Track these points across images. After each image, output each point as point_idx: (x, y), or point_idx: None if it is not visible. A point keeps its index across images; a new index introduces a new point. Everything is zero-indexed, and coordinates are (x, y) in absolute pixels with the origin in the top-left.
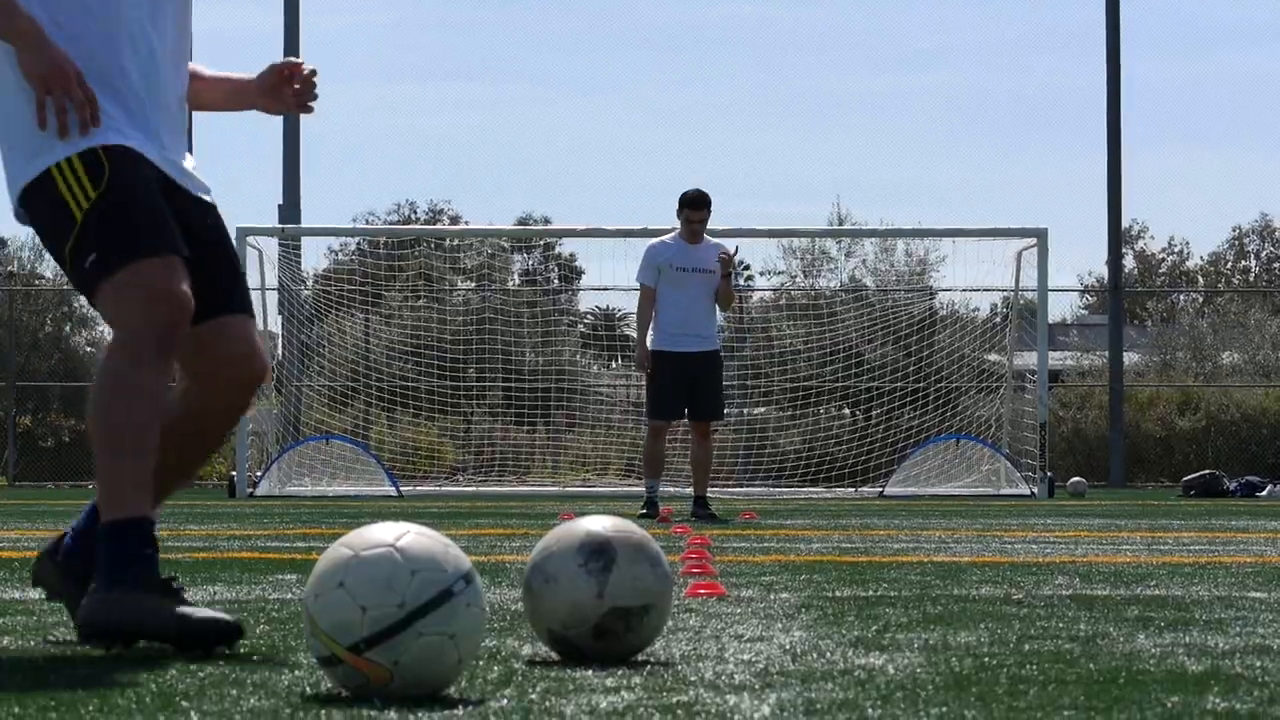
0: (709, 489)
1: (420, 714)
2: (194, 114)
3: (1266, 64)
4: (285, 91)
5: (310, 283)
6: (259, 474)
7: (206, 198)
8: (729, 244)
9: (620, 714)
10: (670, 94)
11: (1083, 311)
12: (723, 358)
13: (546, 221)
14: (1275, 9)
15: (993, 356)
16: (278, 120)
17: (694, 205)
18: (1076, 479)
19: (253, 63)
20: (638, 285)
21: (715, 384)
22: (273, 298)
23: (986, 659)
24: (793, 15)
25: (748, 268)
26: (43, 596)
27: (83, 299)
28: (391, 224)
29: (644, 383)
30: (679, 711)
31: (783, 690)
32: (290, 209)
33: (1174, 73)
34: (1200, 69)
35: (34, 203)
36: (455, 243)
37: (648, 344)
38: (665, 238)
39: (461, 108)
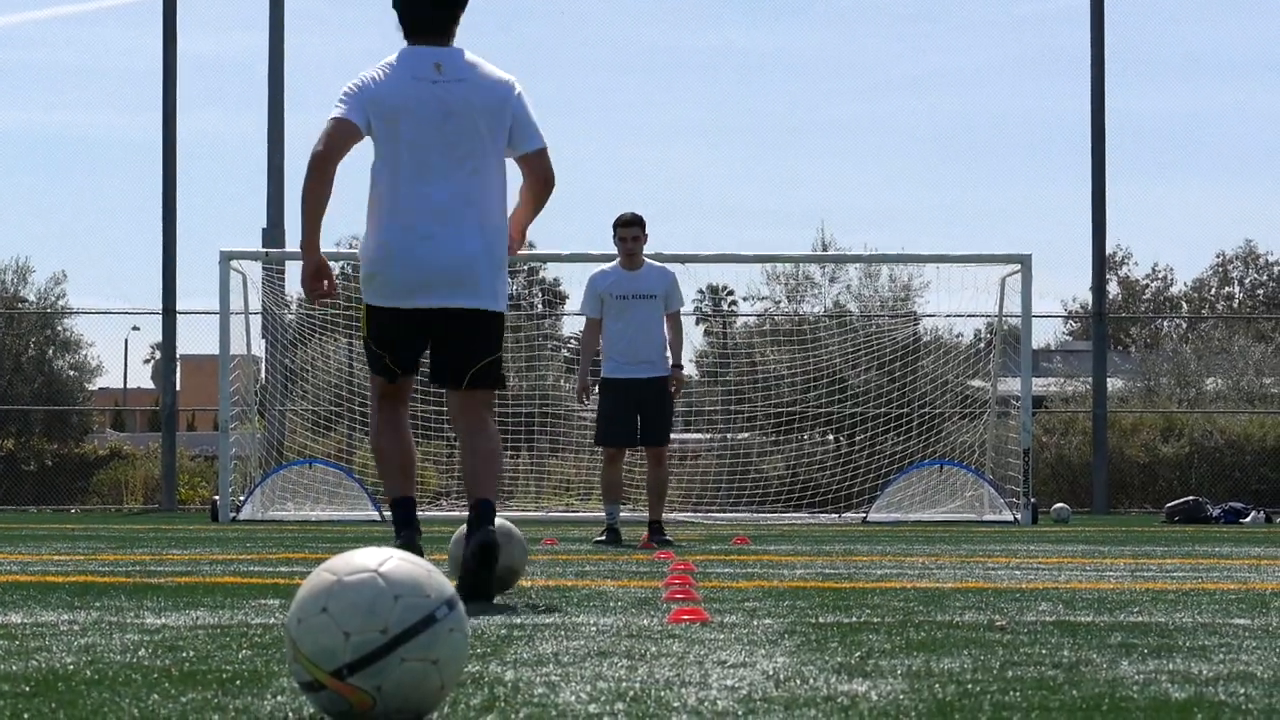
0: (664, 512)
1: None
2: (177, 131)
3: (1251, 92)
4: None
5: (294, 306)
6: (242, 498)
7: None
8: (678, 268)
9: None
10: (655, 118)
11: (1066, 337)
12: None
13: (531, 246)
14: (1259, 38)
15: (976, 382)
16: (262, 143)
17: (623, 224)
18: (1060, 505)
19: (237, 85)
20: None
21: (663, 410)
22: (256, 321)
23: (970, 685)
24: (778, 40)
25: (731, 293)
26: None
27: (66, 322)
28: None
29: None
30: None
31: (765, 716)
32: (274, 232)
33: (1158, 99)
34: (1185, 96)
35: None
36: None
37: (601, 372)
38: (605, 266)
39: None
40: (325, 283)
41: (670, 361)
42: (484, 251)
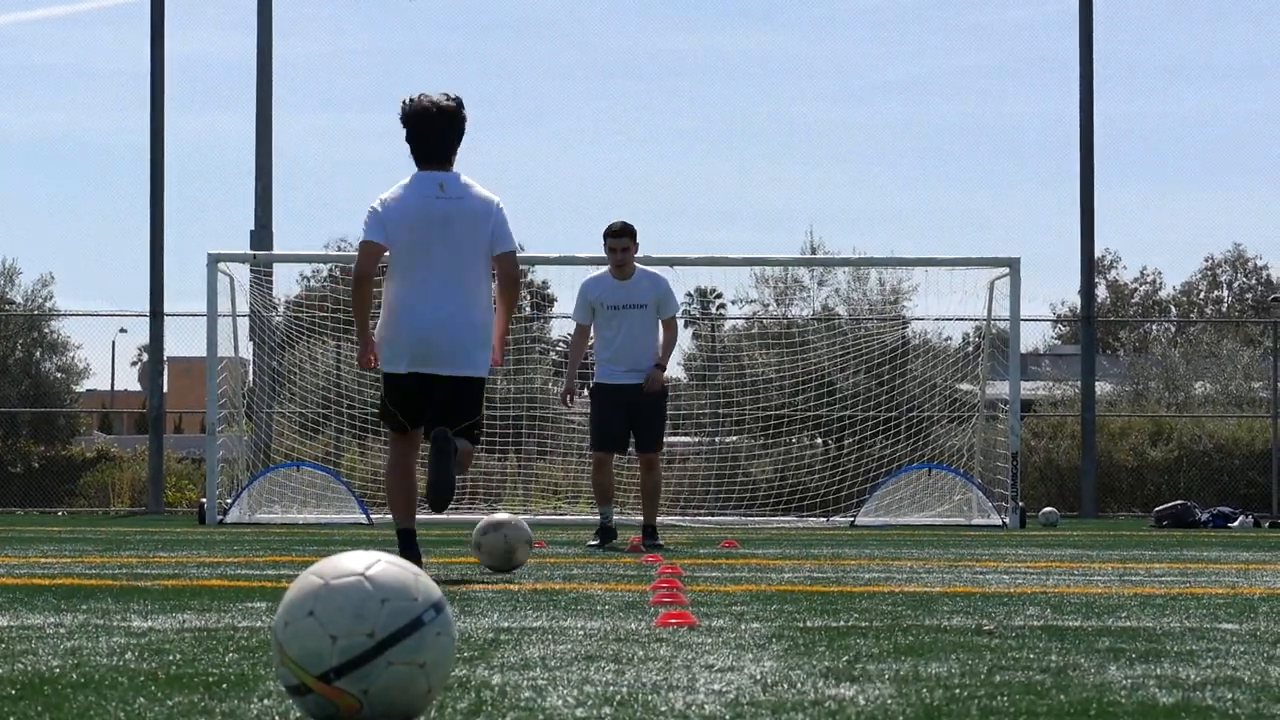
0: (659, 517)
1: None
2: (165, 133)
3: (1239, 97)
4: None
5: (282, 309)
6: (229, 501)
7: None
8: (666, 271)
9: None
10: (643, 122)
11: (1055, 341)
12: (669, 389)
13: (520, 249)
14: (1247, 44)
15: (965, 386)
16: (250, 145)
17: (613, 234)
18: (1048, 509)
19: (225, 87)
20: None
21: (656, 416)
22: (244, 324)
23: (957, 690)
24: (766, 44)
25: (719, 296)
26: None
27: (53, 325)
28: None
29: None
30: None
31: None
32: (262, 234)
33: (1147, 103)
34: (1174, 100)
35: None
36: None
37: (594, 377)
38: (597, 273)
39: None
40: (371, 357)
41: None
42: (470, 329)
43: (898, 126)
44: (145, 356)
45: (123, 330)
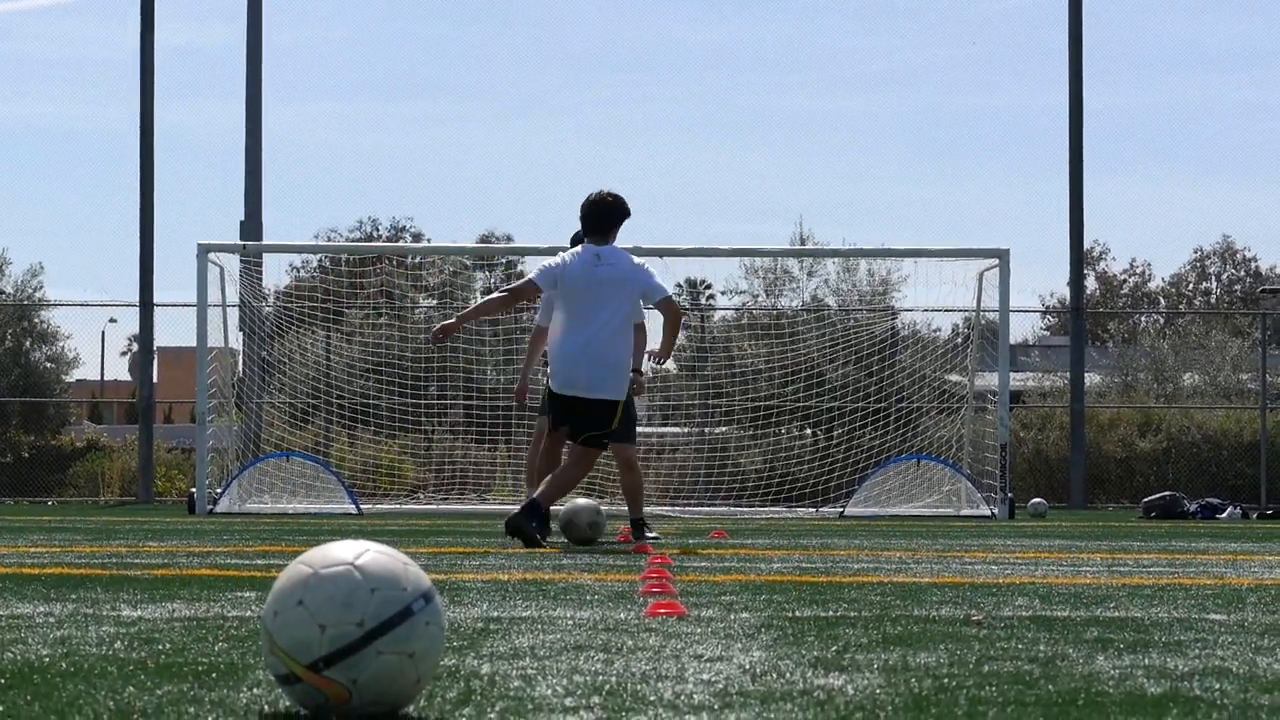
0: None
1: None
2: (155, 123)
3: (1228, 89)
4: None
5: (271, 299)
6: (219, 490)
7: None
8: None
9: None
10: (634, 112)
11: (1044, 332)
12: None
13: (509, 239)
14: (1236, 35)
15: (954, 377)
16: (240, 135)
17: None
18: (1037, 500)
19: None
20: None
21: (627, 409)
22: (234, 314)
23: (946, 680)
24: (756, 35)
25: (709, 287)
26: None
27: (43, 314)
28: (353, 241)
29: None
30: None
31: (742, 710)
32: (252, 225)
33: (1137, 95)
34: (1163, 92)
35: None
36: (417, 260)
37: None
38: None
39: (424, 125)
40: (443, 334)
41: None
42: (604, 365)
43: (887, 118)
44: (135, 346)
45: (112, 320)
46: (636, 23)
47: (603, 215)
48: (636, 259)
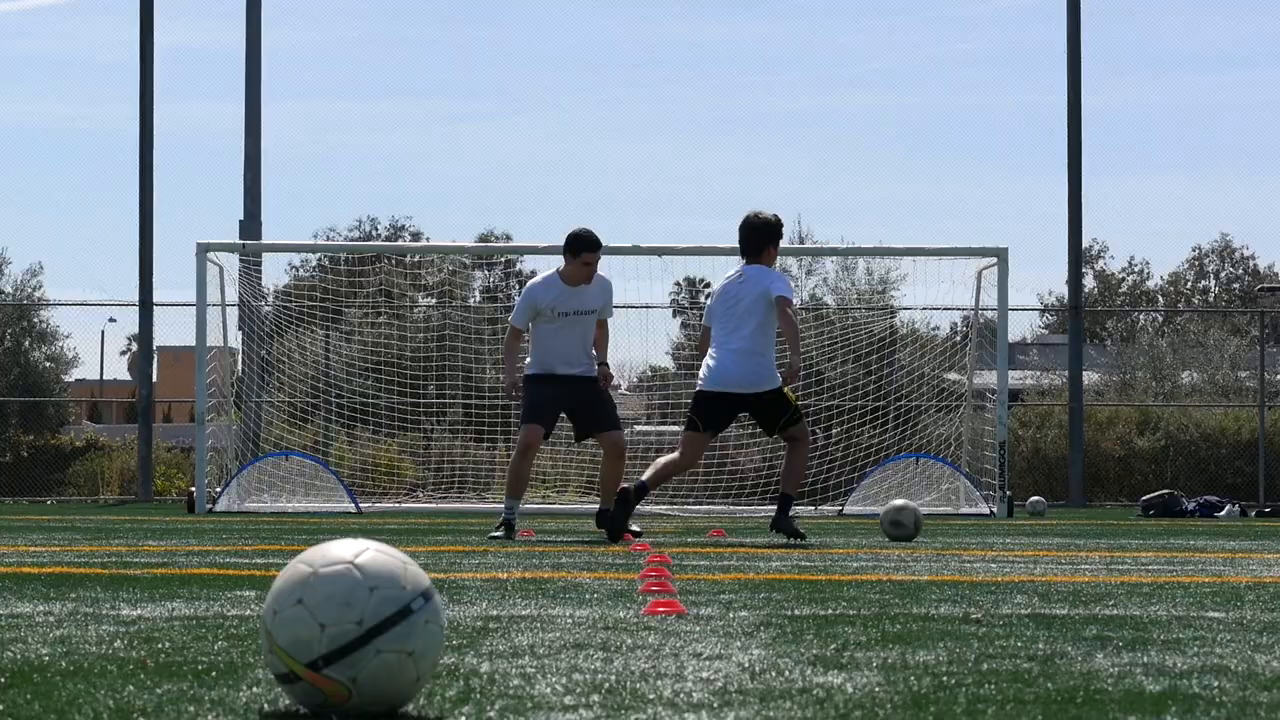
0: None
1: None
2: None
3: (1228, 87)
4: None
5: (271, 299)
6: (218, 490)
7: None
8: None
9: None
10: (632, 111)
11: (1043, 331)
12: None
13: (508, 238)
14: (1235, 34)
15: (953, 375)
16: (239, 135)
17: (591, 248)
18: (1036, 498)
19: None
20: (513, 324)
21: (605, 398)
22: (233, 314)
23: (945, 678)
24: (754, 33)
25: (708, 285)
26: None
27: (42, 314)
28: (352, 240)
29: (522, 402)
30: None
31: (741, 709)
32: (251, 224)
33: (1135, 94)
34: (1162, 90)
35: None
36: (416, 259)
37: (528, 370)
38: (545, 278)
39: (424, 125)
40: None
41: (597, 360)
42: (755, 366)
43: (886, 116)
44: (134, 346)
45: (112, 320)
46: (634, 21)
47: (747, 234)
48: (774, 270)
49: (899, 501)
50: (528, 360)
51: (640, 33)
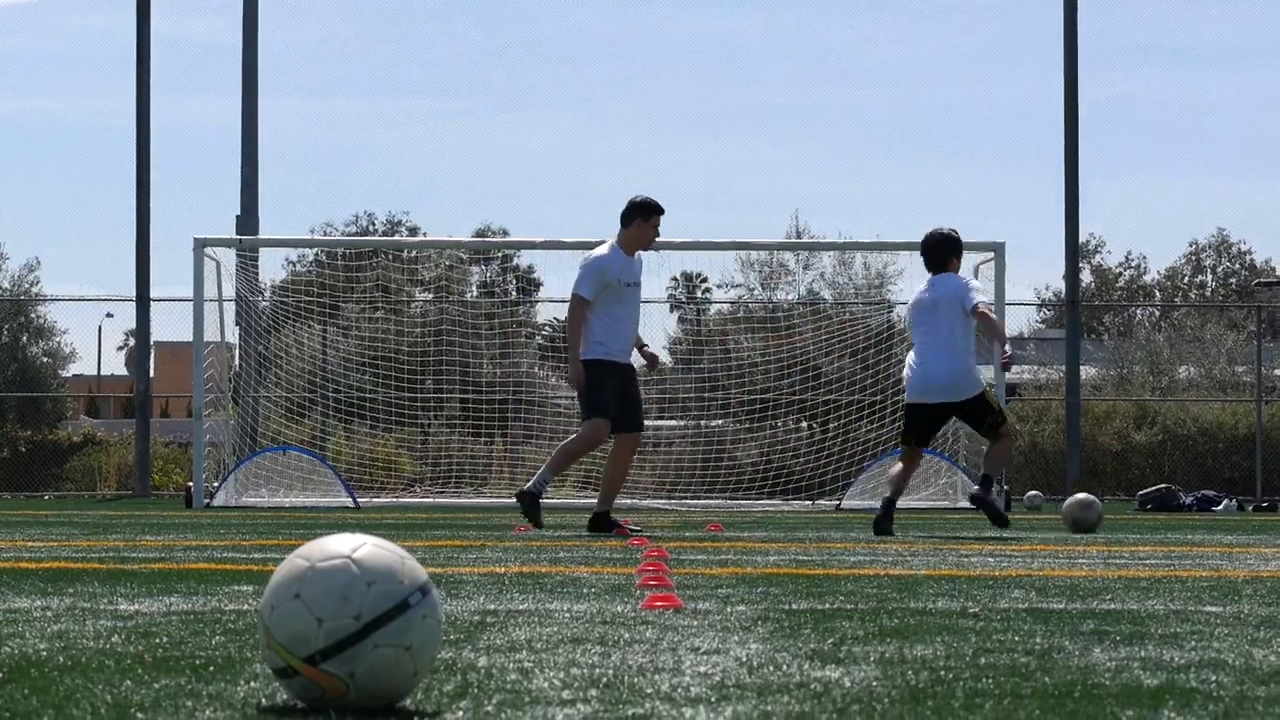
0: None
1: None
2: (151, 118)
3: (1224, 82)
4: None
5: (268, 294)
6: (216, 485)
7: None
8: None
9: None
10: (629, 106)
11: (1040, 325)
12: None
13: (505, 233)
14: (1232, 28)
15: None
16: (236, 130)
17: (659, 212)
18: (1033, 493)
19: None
20: (581, 296)
21: (640, 396)
22: (230, 309)
23: (942, 672)
24: (752, 28)
25: (705, 280)
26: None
27: (39, 309)
28: (349, 235)
29: (592, 392)
30: None
31: (739, 703)
32: (248, 220)
33: (1133, 88)
34: (1160, 85)
35: None
36: (413, 254)
37: (597, 354)
38: (605, 250)
39: (421, 120)
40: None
41: (639, 343)
42: (957, 377)
43: (883, 110)
44: (132, 341)
45: (109, 315)
46: (631, 16)
47: (929, 247)
48: (962, 277)
49: (1084, 496)
50: (589, 342)
51: (636, 27)
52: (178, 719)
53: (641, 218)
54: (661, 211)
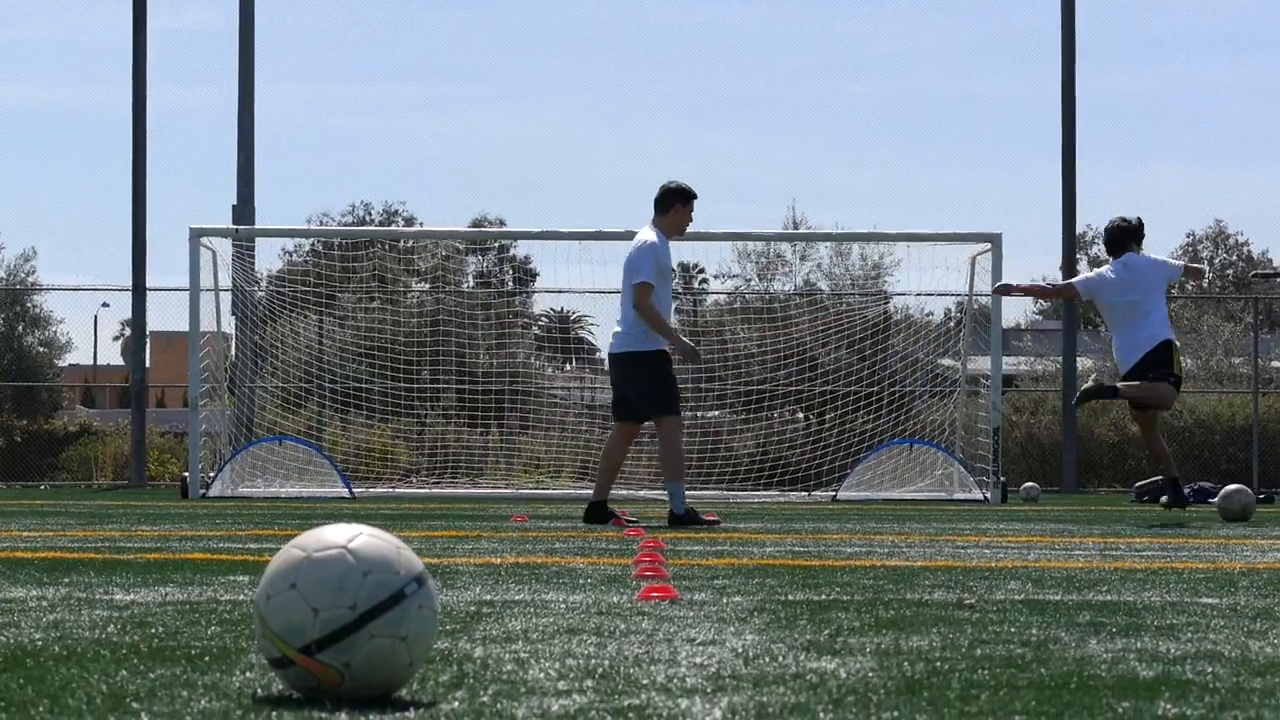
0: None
1: (371, 716)
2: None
3: (1222, 73)
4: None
5: (264, 284)
6: (212, 475)
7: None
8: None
9: (572, 717)
10: (626, 96)
11: (1036, 316)
12: None
13: (501, 223)
14: (1229, 20)
15: (946, 361)
16: (233, 120)
17: (694, 197)
18: (1029, 484)
19: (206, 61)
20: (647, 281)
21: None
22: (226, 299)
23: (938, 663)
24: (750, 19)
25: (701, 271)
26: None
27: (35, 299)
28: (346, 225)
29: (659, 381)
30: (630, 715)
31: (734, 694)
32: (244, 209)
33: (1129, 79)
34: (1156, 76)
35: None
36: (410, 244)
37: (652, 345)
38: (654, 236)
39: (417, 109)
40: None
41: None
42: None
43: (880, 101)
44: (127, 331)
45: (105, 305)
46: (629, 6)
47: (1113, 234)
48: (1158, 256)
49: (1236, 486)
50: (646, 331)
51: (635, 18)
52: (173, 709)
53: (681, 203)
54: (696, 196)
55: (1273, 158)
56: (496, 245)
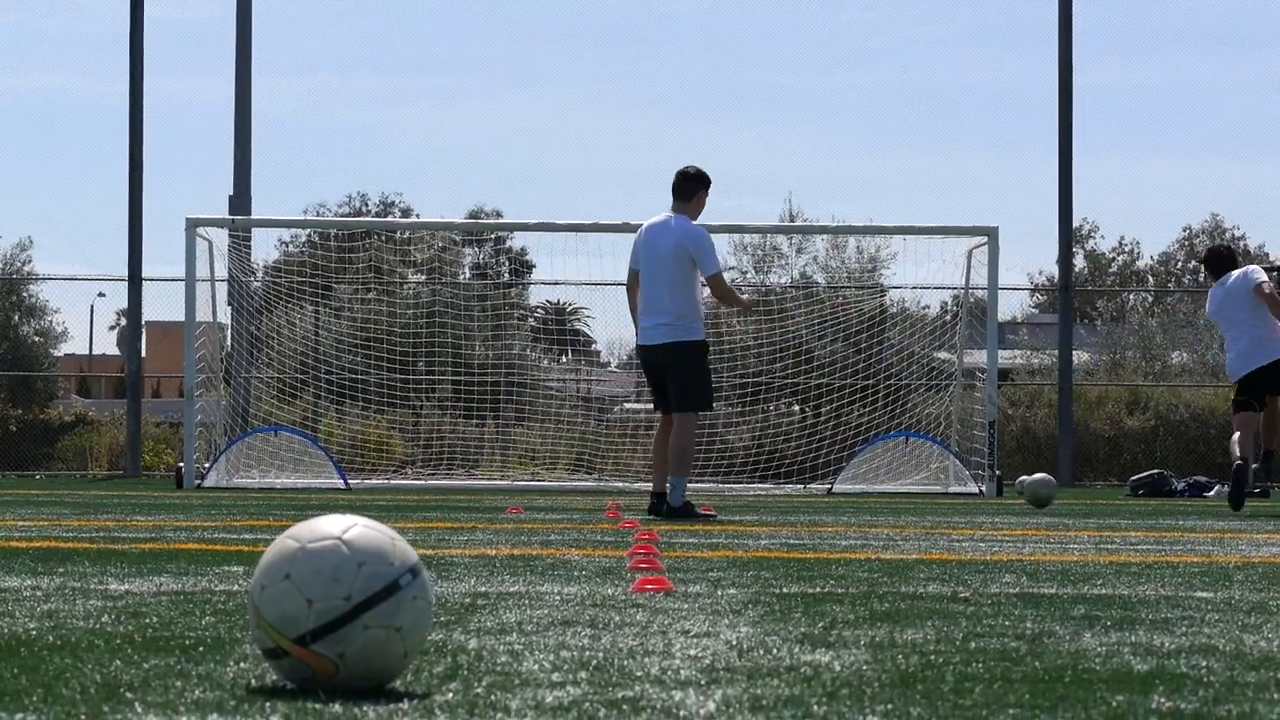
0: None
1: (365, 707)
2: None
3: (1219, 67)
4: None
5: (260, 274)
6: (207, 465)
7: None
8: None
9: (566, 709)
10: (623, 88)
11: (1033, 310)
12: None
13: (498, 215)
14: (1227, 13)
15: (942, 354)
16: (229, 110)
17: (711, 182)
18: (1024, 478)
19: (203, 51)
20: (721, 269)
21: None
22: (222, 289)
23: (933, 656)
24: (746, 10)
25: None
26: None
27: (31, 288)
28: (342, 216)
29: (699, 375)
30: (624, 707)
31: (728, 686)
32: (240, 200)
33: (1127, 73)
34: (1153, 69)
35: None
36: (406, 236)
37: (698, 335)
38: (698, 222)
39: (414, 100)
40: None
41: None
42: (1260, 346)
43: (877, 93)
44: (123, 321)
45: (101, 294)
46: None
47: (1214, 260)
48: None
49: (1043, 475)
50: (697, 319)
51: (632, 9)
52: (167, 699)
53: (704, 188)
54: (709, 183)
55: (1270, 152)
56: (493, 237)
